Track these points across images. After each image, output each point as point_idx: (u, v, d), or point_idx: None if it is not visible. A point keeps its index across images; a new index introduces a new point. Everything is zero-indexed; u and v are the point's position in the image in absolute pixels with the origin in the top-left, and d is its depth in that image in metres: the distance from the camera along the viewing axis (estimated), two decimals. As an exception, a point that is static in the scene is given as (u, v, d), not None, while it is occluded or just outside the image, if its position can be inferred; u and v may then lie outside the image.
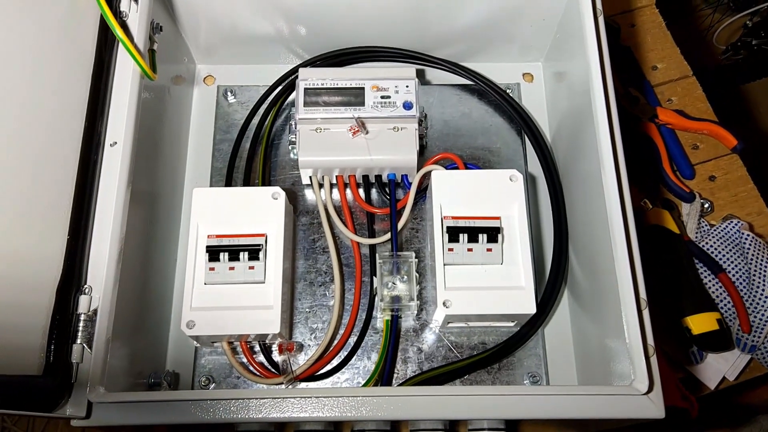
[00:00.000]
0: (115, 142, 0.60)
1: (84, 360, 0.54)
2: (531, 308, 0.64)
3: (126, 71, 0.63)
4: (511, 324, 0.69)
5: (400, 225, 0.72)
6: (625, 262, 0.57)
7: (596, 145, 0.62)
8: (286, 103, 0.80)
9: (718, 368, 0.75)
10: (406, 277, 0.68)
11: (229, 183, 0.75)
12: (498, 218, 0.67)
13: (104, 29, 0.63)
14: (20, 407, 0.48)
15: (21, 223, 0.52)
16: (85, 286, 0.56)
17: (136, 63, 0.62)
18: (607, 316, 0.60)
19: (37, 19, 0.57)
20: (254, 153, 0.77)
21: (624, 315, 0.56)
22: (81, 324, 0.54)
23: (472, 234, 0.66)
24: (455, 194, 0.68)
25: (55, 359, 0.52)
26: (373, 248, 0.73)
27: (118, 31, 0.60)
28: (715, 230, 0.79)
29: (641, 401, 0.53)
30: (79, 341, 0.54)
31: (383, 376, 0.67)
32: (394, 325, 0.69)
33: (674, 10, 1.33)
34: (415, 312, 0.70)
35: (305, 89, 0.72)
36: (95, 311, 0.55)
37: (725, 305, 0.75)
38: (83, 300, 0.55)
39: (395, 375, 0.69)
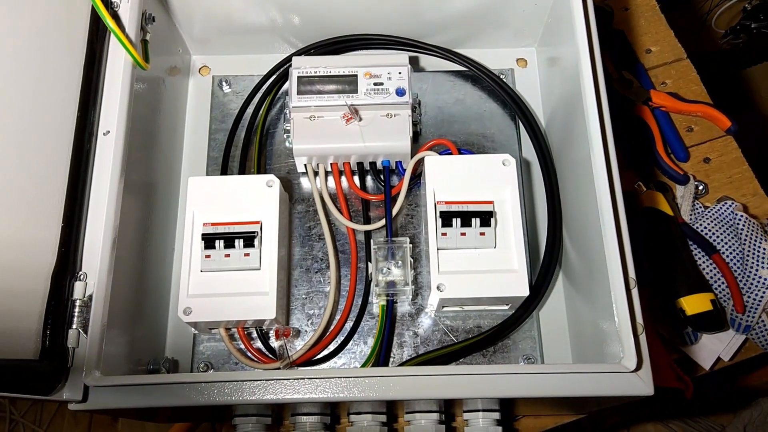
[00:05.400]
0: (108, 132, 0.61)
1: (80, 345, 0.54)
2: (524, 291, 0.65)
3: (118, 61, 0.64)
4: (506, 307, 0.70)
5: (394, 211, 0.73)
6: (613, 242, 0.58)
7: (586, 128, 0.62)
8: (280, 91, 0.80)
9: (713, 349, 0.75)
10: (401, 262, 0.68)
11: (224, 172, 0.76)
12: (491, 202, 0.67)
13: (96, 20, 0.63)
14: (17, 390, 0.49)
15: (15, 211, 0.53)
16: (80, 272, 0.56)
17: (127, 53, 0.62)
18: (598, 297, 0.61)
19: (28, 10, 0.58)
20: (249, 142, 0.77)
21: (612, 294, 0.56)
22: (76, 310, 0.55)
23: (465, 218, 0.66)
24: (448, 179, 0.68)
25: (50, 344, 0.52)
26: (368, 234, 0.73)
27: (109, 22, 0.61)
28: (709, 212, 0.79)
29: (630, 378, 0.54)
30: (74, 326, 0.54)
31: (379, 360, 0.68)
32: (389, 310, 0.69)
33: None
34: (411, 297, 0.71)
35: (298, 78, 0.73)
36: (90, 297, 0.56)
37: (719, 286, 0.75)
38: (78, 286, 0.56)
39: (391, 359, 0.70)
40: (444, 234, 0.66)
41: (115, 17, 0.64)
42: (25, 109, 0.56)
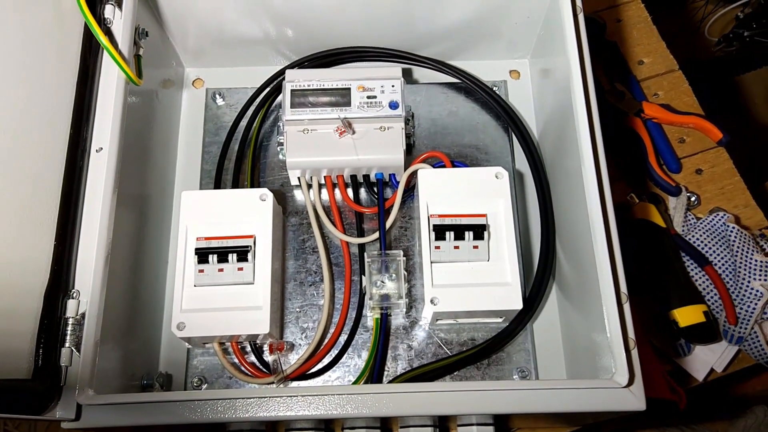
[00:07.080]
0: (101, 148, 0.61)
1: (73, 363, 0.54)
2: (517, 304, 0.65)
3: (111, 77, 0.64)
4: (500, 320, 0.70)
5: (388, 224, 0.73)
6: (605, 256, 0.58)
7: (577, 140, 0.63)
8: (274, 104, 0.80)
9: (706, 360, 0.75)
10: (394, 275, 0.68)
11: (218, 185, 0.76)
12: (484, 215, 0.67)
13: (88, 36, 0.63)
14: (9, 410, 0.49)
15: (7, 230, 0.53)
16: (73, 290, 0.56)
17: (120, 69, 0.62)
18: (591, 310, 0.61)
19: (21, 27, 0.57)
20: (243, 155, 0.77)
21: (604, 309, 0.56)
22: (69, 328, 0.55)
23: (459, 232, 0.66)
24: (442, 192, 0.69)
25: (43, 363, 0.52)
26: (362, 247, 0.73)
27: (102, 38, 0.61)
28: (701, 223, 0.79)
29: (622, 394, 0.54)
30: (67, 345, 0.54)
31: (373, 373, 0.68)
32: (383, 323, 0.69)
33: (666, 2, 1.33)
34: (405, 310, 0.71)
35: (292, 91, 0.73)
36: (83, 315, 0.56)
37: (712, 297, 0.76)
38: (71, 304, 0.56)
39: (386, 372, 0.69)
40: (437, 247, 0.66)
41: (108, 33, 0.64)
42: (16, 126, 0.55)
